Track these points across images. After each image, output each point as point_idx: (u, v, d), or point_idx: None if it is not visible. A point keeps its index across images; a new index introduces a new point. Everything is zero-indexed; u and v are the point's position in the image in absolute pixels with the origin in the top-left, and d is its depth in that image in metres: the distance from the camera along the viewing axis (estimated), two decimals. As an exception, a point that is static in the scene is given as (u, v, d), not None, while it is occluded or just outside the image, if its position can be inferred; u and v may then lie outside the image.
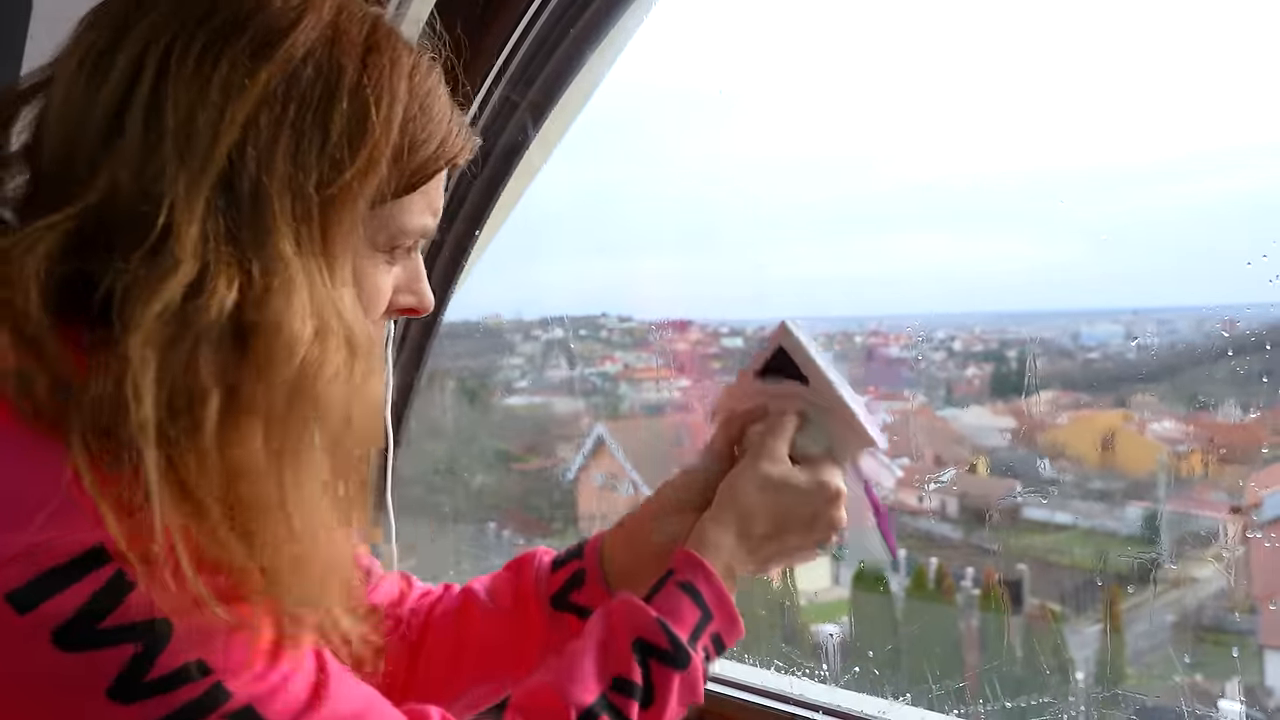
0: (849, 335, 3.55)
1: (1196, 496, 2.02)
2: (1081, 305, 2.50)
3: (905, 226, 2.50)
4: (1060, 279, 2.26)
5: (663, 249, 3.17)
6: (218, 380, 0.48)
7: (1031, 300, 2.16)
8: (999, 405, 2.88)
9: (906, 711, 1.02)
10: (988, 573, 2.34)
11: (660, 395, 4.43)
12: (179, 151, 0.51)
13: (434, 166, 0.62)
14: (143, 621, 0.46)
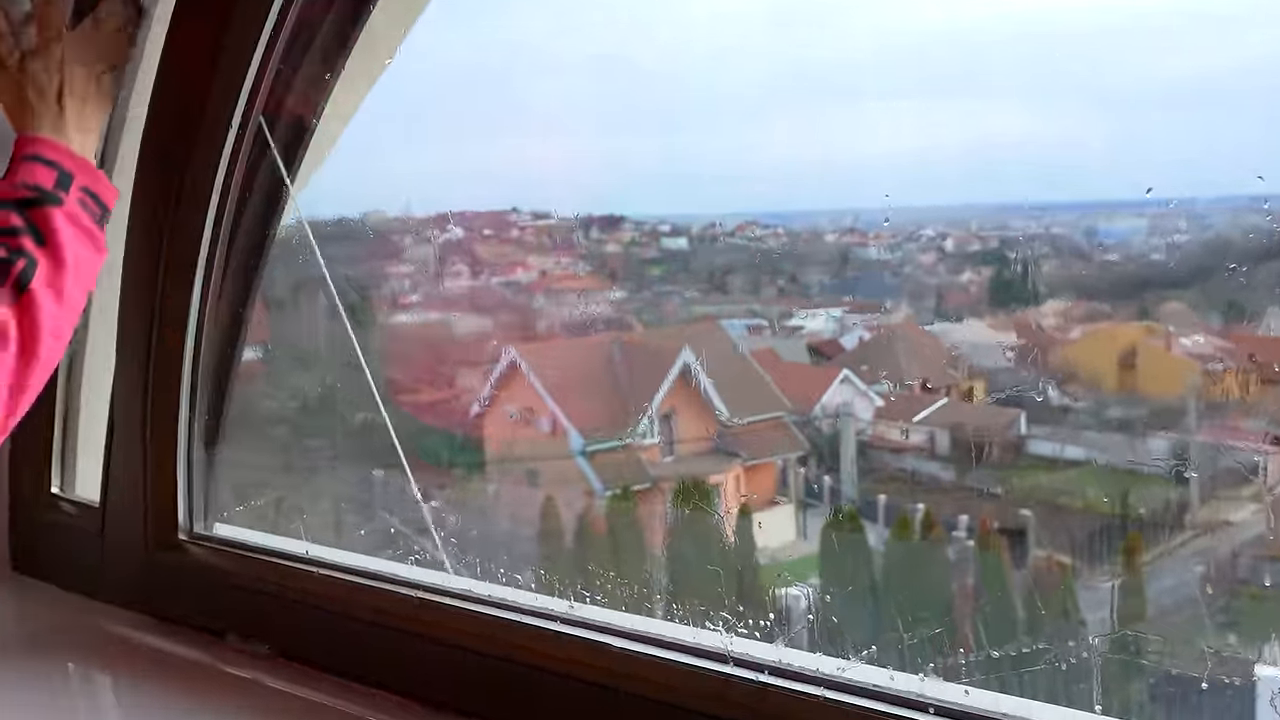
0: (817, 233, 3.50)
1: (1232, 425, 2.03)
2: (1099, 195, 2.47)
3: (883, 97, 2.41)
4: (1073, 163, 2.21)
5: (587, 129, 3.04)
6: None
7: (1039, 190, 2.11)
8: (999, 317, 2.89)
9: (867, 670, 1.04)
10: (984, 520, 2.36)
11: (587, 309, 4.33)
12: None
13: None
14: None
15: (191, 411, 1.60)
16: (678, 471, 3.63)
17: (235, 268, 1.58)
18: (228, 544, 1.62)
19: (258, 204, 1.56)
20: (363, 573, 1.47)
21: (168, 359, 1.58)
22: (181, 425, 1.59)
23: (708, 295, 4.36)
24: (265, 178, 1.53)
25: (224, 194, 1.50)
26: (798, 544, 2.75)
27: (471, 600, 1.35)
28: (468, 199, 1.68)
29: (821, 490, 2.99)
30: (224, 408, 1.64)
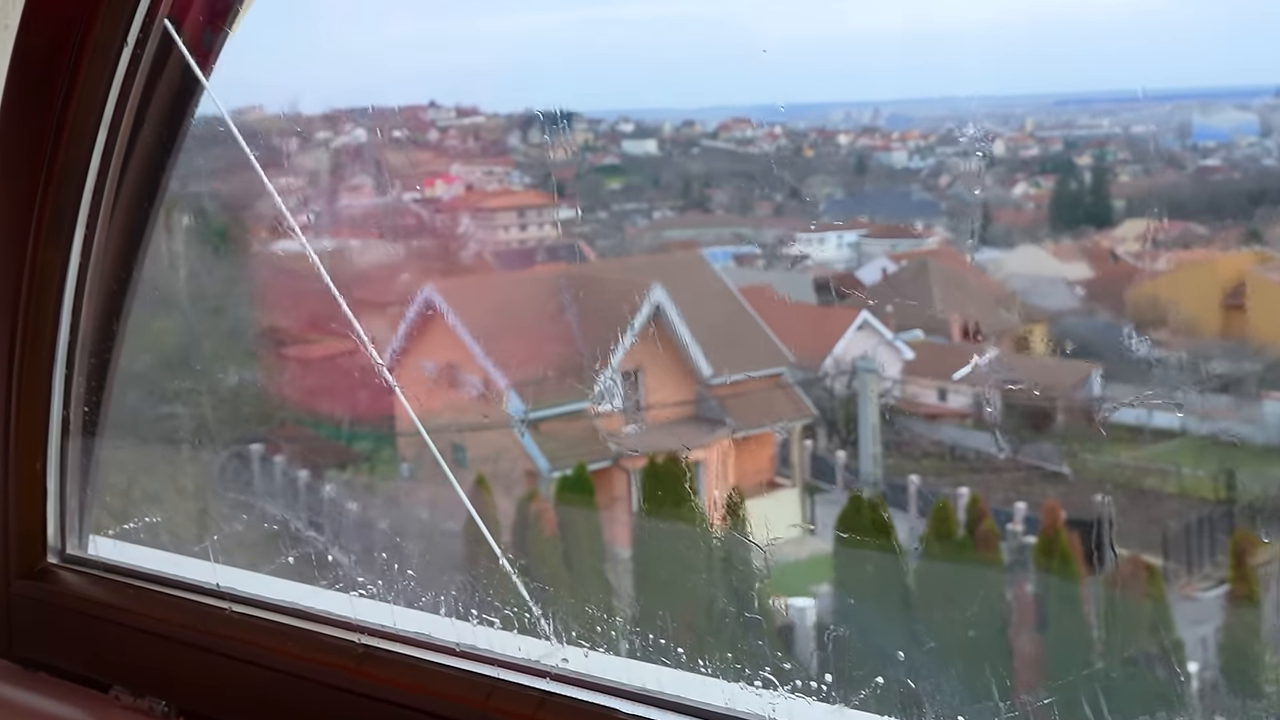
0: (829, 133, 3.36)
1: (1377, 384, 1.95)
2: (1194, 84, 2.33)
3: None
4: (1161, 41, 2.07)
5: (530, 5, 2.86)
6: None
7: (1116, 77, 1.96)
8: (1064, 243, 2.81)
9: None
10: (1049, 509, 2.26)
11: (525, 233, 4.20)
12: None
13: None
14: None
15: (66, 397, 1.50)
16: (647, 444, 3.53)
17: (122, 213, 1.47)
18: (111, 569, 1.50)
19: (153, 133, 1.45)
20: (291, 610, 1.35)
21: (38, 332, 1.48)
22: (54, 415, 1.50)
23: (683, 215, 4.25)
24: (165, 96, 1.43)
25: (114, 125, 1.41)
26: (804, 541, 2.64)
27: (431, 648, 1.22)
28: (372, 91, 1.56)
29: (835, 470, 2.87)
30: (104, 392, 1.54)
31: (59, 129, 1.39)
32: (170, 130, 1.46)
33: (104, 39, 1.38)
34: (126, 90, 1.40)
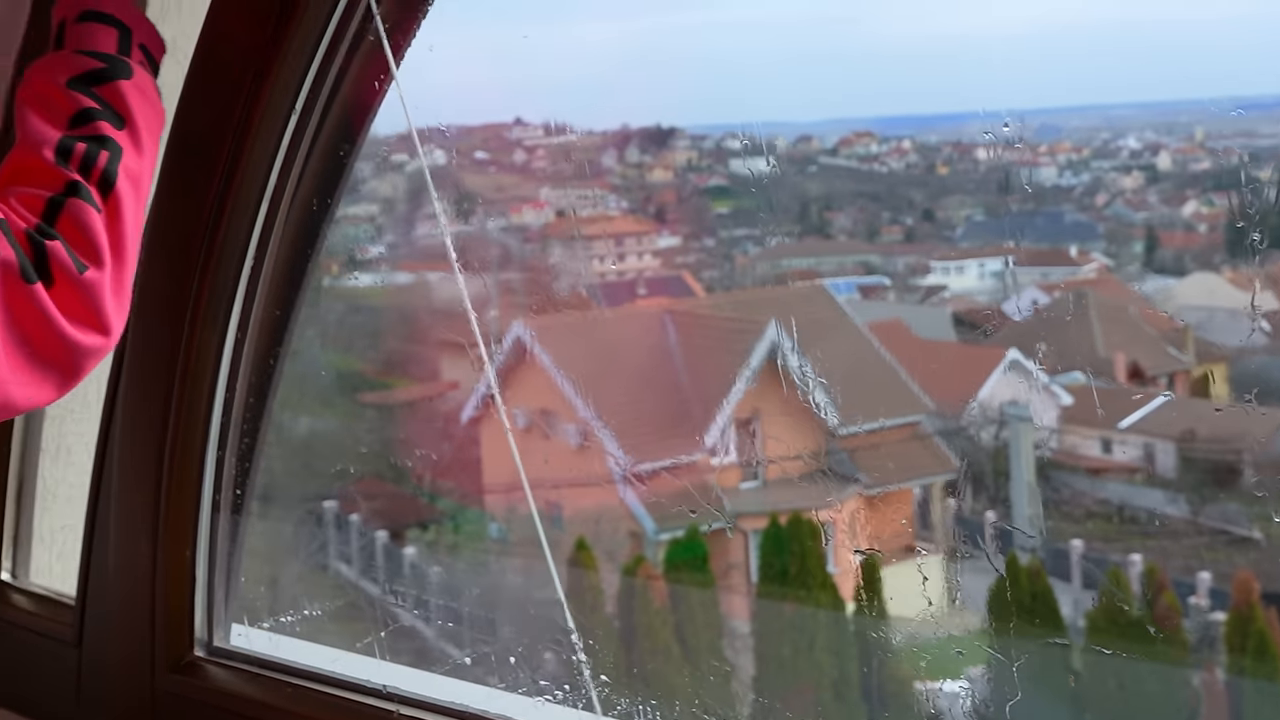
0: (965, 147, 3.28)
1: None
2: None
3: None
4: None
5: (623, 10, 2.83)
6: None
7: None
8: (1245, 270, 2.69)
9: None
10: (1241, 581, 2.13)
11: (624, 264, 4.18)
12: None
13: None
14: None
15: (218, 479, 1.53)
16: (767, 503, 3.45)
17: (276, 290, 1.52)
18: (262, 664, 1.50)
19: (309, 202, 1.50)
20: (463, 714, 1.34)
21: (192, 414, 1.51)
22: (205, 498, 1.52)
23: (801, 241, 4.19)
24: (321, 161, 1.50)
25: (274, 199, 1.45)
26: (950, 615, 2.53)
27: None
28: (453, 107, 1.57)
29: (983, 533, 2.78)
30: (252, 473, 1.58)
31: (220, 205, 1.44)
32: (325, 198, 1.50)
33: (274, 104, 1.42)
34: (290, 160, 1.42)
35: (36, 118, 1.07)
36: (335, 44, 1.40)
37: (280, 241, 1.47)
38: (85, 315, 1.00)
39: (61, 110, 1.07)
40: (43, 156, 1.03)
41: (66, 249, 0.99)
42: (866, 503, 3.03)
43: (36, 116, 1.07)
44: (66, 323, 0.99)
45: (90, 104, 1.07)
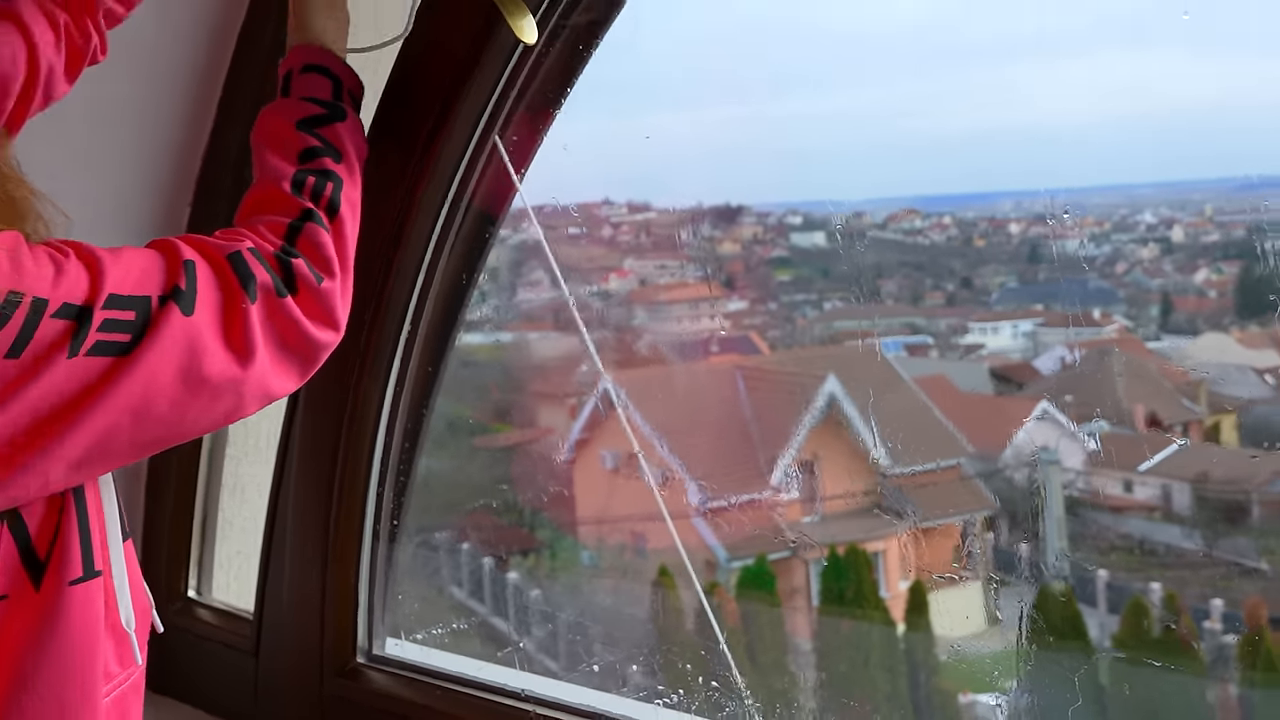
0: (999, 222, 3.28)
1: None
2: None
3: (1084, 46, 2.16)
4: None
5: (698, 102, 2.86)
6: None
7: None
8: (1252, 330, 2.67)
9: None
10: (1251, 607, 2.10)
11: (699, 325, 4.22)
12: None
13: None
14: None
15: (378, 511, 1.60)
16: (826, 535, 3.48)
17: (428, 345, 1.59)
18: (416, 670, 1.57)
19: (457, 267, 1.59)
20: (592, 715, 1.41)
21: (357, 453, 1.58)
22: (367, 528, 1.59)
23: (854, 305, 4.22)
24: (470, 231, 1.58)
25: (430, 267, 1.54)
26: (988, 634, 2.52)
27: None
28: (548, 187, 1.63)
29: (1018, 562, 2.76)
30: (405, 505, 1.65)
31: (385, 276, 1.50)
32: (469, 271, 1.56)
33: (430, 195, 1.50)
34: (443, 240, 1.49)
35: (273, 156, 1.15)
36: (476, 155, 1.49)
37: (433, 308, 1.54)
38: (323, 317, 1.08)
39: (292, 149, 1.15)
40: (281, 189, 1.11)
41: (307, 265, 1.07)
42: (914, 535, 3.00)
43: (272, 155, 1.15)
44: (310, 325, 1.06)
45: (315, 143, 1.16)
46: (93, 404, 0.92)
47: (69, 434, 0.91)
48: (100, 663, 1.02)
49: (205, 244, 1.05)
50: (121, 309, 0.94)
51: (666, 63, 1.97)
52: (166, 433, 1.00)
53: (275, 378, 1.05)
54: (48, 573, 0.99)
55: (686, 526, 3.24)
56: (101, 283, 0.94)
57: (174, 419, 0.98)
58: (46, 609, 0.99)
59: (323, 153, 1.16)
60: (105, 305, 0.93)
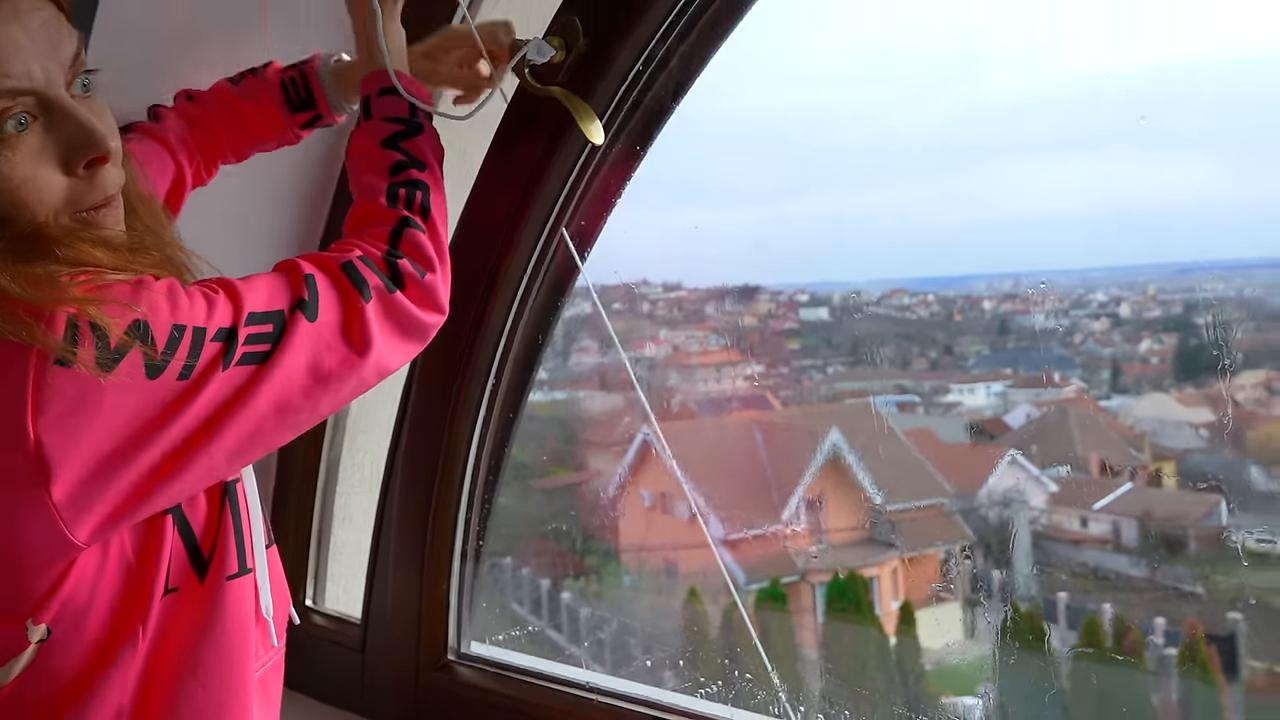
0: (974, 299, 3.39)
1: None
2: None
3: (1043, 150, 2.29)
4: (1270, 217, 2.07)
5: (724, 197, 2.99)
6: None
7: (1229, 248, 1.96)
8: (1188, 391, 2.73)
9: None
10: (1189, 624, 2.17)
11: (722, 385, 4.30)
12: None
13: None
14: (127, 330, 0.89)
15: (466, 533, 1.65)
16: (829, 562, 3.54)
17: (509, 395, 1.64)
18: (497, 665, 1.63)
19: (534, 327, 1.63)
20: (641, 701, 1.46)
21: (449, 484, 1.63)
22: (457, 547, 1.64)
23: (853, 369, 4.31)
24: (545, 295, 1.62)
25: (510, 331, 1.59)
26: (966, 646, 2.59)
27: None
28: (593, 270, 1.71)
29: (991, 586, 2.83)
30: (488, 529, 1.69)
31: (473, 338, 1.55)
32: (542, 334, 1.62)
33: (512, 269, 1.54)
34: (522, 308, 1.56)
35: (366, 174, 1.17)
36: (549, 239, 1.56)
37: (512, 366, 1.61)
38: (430, 304, 1.10)
39: (382, 165, 1.17)
40: (379, 203, 1.14)
41: (410, 263, 1.09)
42: (903, 562, 3.08)
43: (366, 173, 1.18)
44: (420, 312, 1.09)
45: (401, 157, 1.17)
46: (243, 404, 0.95)
47: (227, 430, 0.94)
48: (251, 646, 1.05)
49: (321, 258, 1.08)
50: (259, 324, 0.97)
51: (695, 164, 2.08)
52: (303, 418, 1.02)
53: (392, 356, 1.08)
54: (210, 569, 1.01)
55: (710, 555, 3.32)
56: (242, 305, 0.96)
57: (308, 406, 1.01)
58: (209, 600, 1.01)
59: (408, 165, 1.17)
60: (247, 323, 0.96)
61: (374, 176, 1.17)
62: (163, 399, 0.90)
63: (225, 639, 1.02)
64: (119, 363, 0.86)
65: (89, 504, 0.86)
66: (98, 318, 0.86)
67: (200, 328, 0.92)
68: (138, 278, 0.93)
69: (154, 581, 0.95)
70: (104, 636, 0.94)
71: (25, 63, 0.89)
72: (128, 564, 0.94)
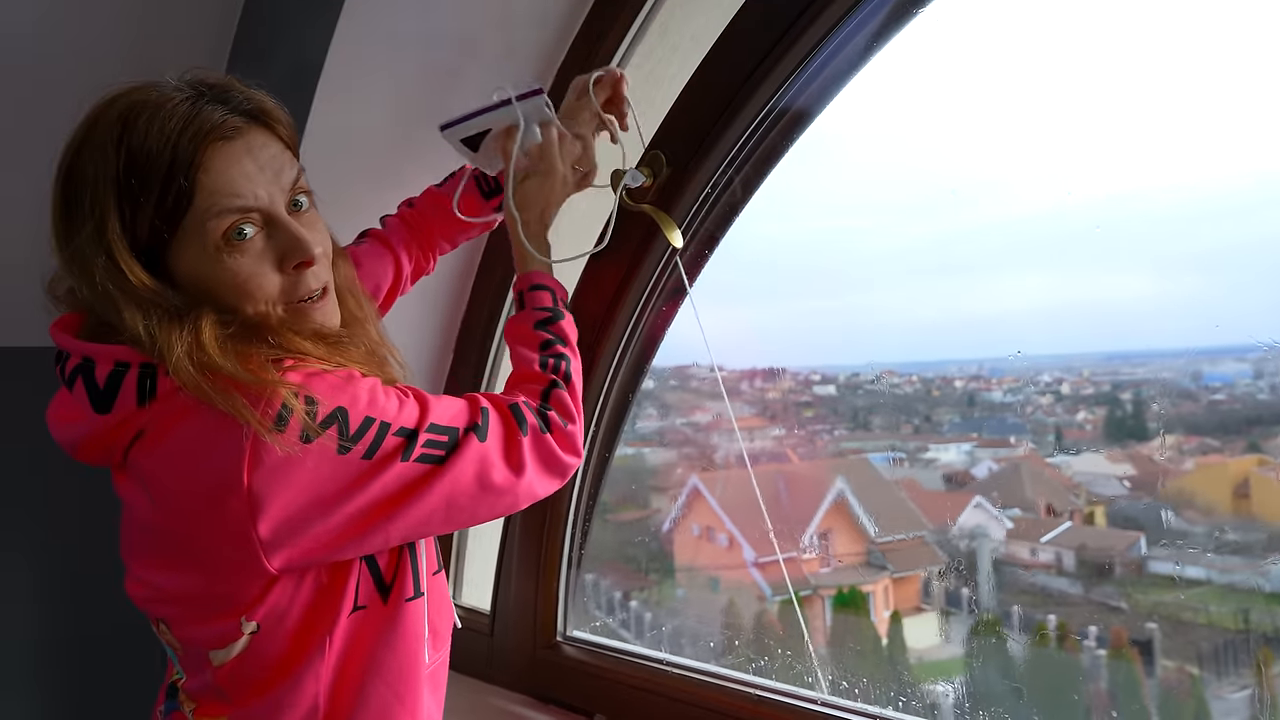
0: (948, 379, 3.41)
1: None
2: (1203, 344, 2.33)
3: (1005, 265, 2.37)
4: (1179, 316, 2.09)
5: (756, 299, 3.10)
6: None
7: (1146, 340, 1.98)
8: (1115, 452, 2.72)
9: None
10: (1116, 632, 2.17)
11: (753, 444, 4.36)
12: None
13: (178, 181, 0.89)
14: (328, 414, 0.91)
15: (571, 544, 1.72)
16: (835, 580, 3.54)
17: (606, 435, 1.70)
18: (595, 646, 1.68)
19: (631, 376, 1.68)
20: (709, 673, 1.52)
21: (559, 507, 1.69)
22: (565, 554, 1.71)
23: (853, 432, 4.32)
24: (635, 356, 1.65)
25: (610, 385, 1.62)
26: (942, 647, 2.60)
27: (802, 699, 1.41)
28: (671, 352, 1.74)
29: (961, 600, 2.83)
30: (587, 542, 1.75)
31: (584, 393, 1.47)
32: (630, 393, 1.68)
33: (611, 339, 1.59)
34: (616, 372, 1.63)
35: (523, 348, 1.19)
36: (635, 327, 1.60)
37: (608, 418, 1.66)
38: (570, 448, 1.11)
39: (534, 342, 1.19)
40: (534, 370, 1.16)
41: (557, 415, 1.11)
42: (892, 582, 3.08)
43: (522, 347, 1.19)
44: (562, 454, 1.09)
45: (549, 336, 1.19)
46: (418, 495, 0.94)
47: (402, 513, 0.94)
48: (423, 652, 1.05)
49: (496, 398, 1.09)
50: (439, 434, 0.97)
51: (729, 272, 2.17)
52: (466, 519, 1.01)
53: (539, 486, 1.07)
54: (392, 593, 1.02)
55: (745, 573, 3.37)
56: (427, 415, 0.97)
57: (471, 509, 1.00)
58: (391, 617, 1.02)
59: (554, 342, 1.19)
60: (427, 430, 0.96)
61: (529, 351, 1.18)
62: (348, 473, 0.90)
63: (403, 647, 1.02)
64: (317, 438, 0.88)
65: (282, 543, 0.88)
66: (307, 401, 0.89)
67: (386, 423, 0.93)
68: (348, 371, 0.95)
69: (342, 601, 0.96)
70: (300, 637, 0.95)
71: (254, 188, 0.92)
72: (321, 585, 0.96)
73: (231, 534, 0.87)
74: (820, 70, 1.38)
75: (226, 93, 0.94)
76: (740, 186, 1.51)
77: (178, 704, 1.01)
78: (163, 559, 0.92)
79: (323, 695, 0.97)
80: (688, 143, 1.41)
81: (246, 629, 0.94)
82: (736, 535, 3.31)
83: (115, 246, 0.87)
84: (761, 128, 1.44)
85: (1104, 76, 1.78)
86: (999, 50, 1.76)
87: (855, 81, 1.51)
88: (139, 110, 0.88)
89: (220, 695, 0.96)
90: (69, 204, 0.89)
